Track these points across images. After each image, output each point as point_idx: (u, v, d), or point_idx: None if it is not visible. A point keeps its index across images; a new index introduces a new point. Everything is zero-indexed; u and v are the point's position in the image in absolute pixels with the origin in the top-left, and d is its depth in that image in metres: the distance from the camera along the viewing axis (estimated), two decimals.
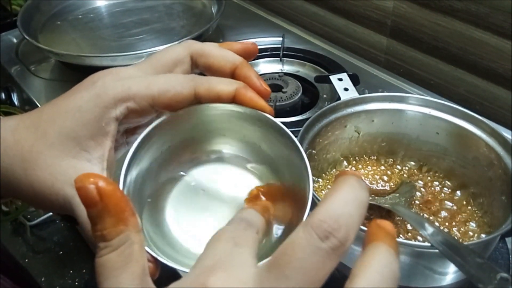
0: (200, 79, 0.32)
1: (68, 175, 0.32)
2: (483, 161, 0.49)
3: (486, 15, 0.68)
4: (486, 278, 0.32)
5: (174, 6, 0.91)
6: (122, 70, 0.34)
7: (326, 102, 0.73)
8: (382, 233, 0.24)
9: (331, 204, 0.23)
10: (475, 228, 0.48)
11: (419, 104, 0.52)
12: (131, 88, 0.32)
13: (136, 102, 0.32)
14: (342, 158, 0.56)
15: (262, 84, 0.33)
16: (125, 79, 0.33)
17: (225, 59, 0.34)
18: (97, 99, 0.32)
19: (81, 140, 0.32)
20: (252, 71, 0.33)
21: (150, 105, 0.32)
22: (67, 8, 0.90)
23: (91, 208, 0.24)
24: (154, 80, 0.32)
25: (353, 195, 0.23)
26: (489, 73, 0.72)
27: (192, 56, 0.35)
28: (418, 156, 0.55)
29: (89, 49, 0.81)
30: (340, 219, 0.22)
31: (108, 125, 0.32)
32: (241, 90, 0.32)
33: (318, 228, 0.22)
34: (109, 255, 0.24)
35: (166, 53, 0.35)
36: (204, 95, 0.32)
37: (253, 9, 0.99)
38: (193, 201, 0.33)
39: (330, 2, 0.91)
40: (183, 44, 0.36)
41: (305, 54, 0.82)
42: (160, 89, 0.32)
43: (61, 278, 0.72)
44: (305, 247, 0.22)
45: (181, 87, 0.32)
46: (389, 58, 0.85)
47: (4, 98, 0.79)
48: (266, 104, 0.32)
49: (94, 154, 0.32)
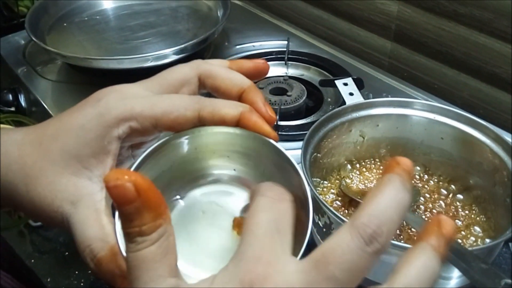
0: (205, 101, 0.32)
1: (68, 192, 0.32)
2: (487, 167, 0.50)
3: (490, 20, 0.69)
4: (490, 283, 0.33)
5: (180, 9, 0.92)
6: (128, 88, 0.34)
7: (331, 106, 0.73)
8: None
9: (376, 206, 0.24)
10: (479, 233, 0.49)
11: (424, 110, 0.53)
12: (134, 108, 0.32)
13: (139, 122, 0.32)
14: (347, 162, 0.56)
15: (268, 110, 0.32)
16: (129, 98, 0.33)
17: (233, 82, 0.34)
18: (100, 118, 0.32)
19: (83, 158, 0.32)
20: (259, 96, 0.33)
21: (153, 126, 0.32)
22: (74, 11, 0.91)
23: (127, 205, 0.24)
24: (158, 100, 0.32)
25: (396, 200, 0.24)
26: (492, 78, 0.72)
27: (200, 77, 0.35)
28: (423, 161, 0.55)
29: (95, 52, 0.81)
30: (383, 225, 0.23)
31: (110, 144, 0.32)
32: (246, 114, 0.31)
33: (363, 232, 0.23)
34: (149, 248, 0.25)
35: (173, 73, 0.35)
36: (208, 117, 0.32)
37: (258, 13, 0.99)
38: (193, 223, 0.33)
39: (334, 6, 0.91)
40: (191, 64, 0.36)
41: (309, 57, 0.82)
42: (163, 110, 0.32)
43: (67, 279, 0.72)
44: (353, 250, 0.23)
45: (184, 109, 0.31)
46: (393, 62, 0.86)
47: (11, 99, 0.79)
48: (270, 129, 0.32)
49: (95, 172, 0.32)
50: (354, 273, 0.23)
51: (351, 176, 0.55)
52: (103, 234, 0.31)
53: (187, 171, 0.34)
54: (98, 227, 0.31)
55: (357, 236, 0.23)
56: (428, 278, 0.24)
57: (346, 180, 0.55)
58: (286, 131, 0.67)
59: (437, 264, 0.24)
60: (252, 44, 0.88)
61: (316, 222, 0.47)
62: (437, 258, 0.24)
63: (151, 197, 0.25)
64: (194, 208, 0.33)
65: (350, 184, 0.54)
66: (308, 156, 0.49)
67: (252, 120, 0.31)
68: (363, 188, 0.54)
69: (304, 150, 0.48)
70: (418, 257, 0.24)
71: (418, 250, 0.25)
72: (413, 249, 0.25)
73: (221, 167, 0.34)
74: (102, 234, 0.31)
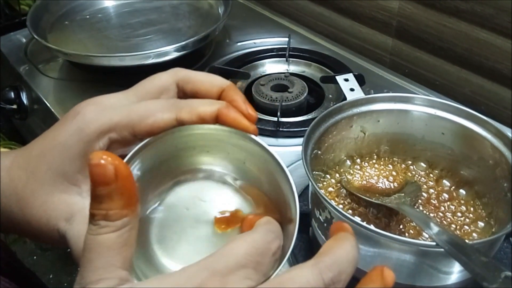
0: (181, 102, 0.32)
1: (60, 210, 0.32)
2: (488, 162, 0.50)
3: (492, 16, 0.69)
4: (491, 276, 0.33)
5: (181, 6, 0.92)
6: (105, 99, 0.34)
7: (332, 102, 0.74)
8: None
9: (340, 256, 0.26)
10: (480, 228, 0.49)
11: (425, 105, 0.53)
12: (112, 119, 0.32)
13: (117, 133, 0.32)
14: (348, 157, 0.56)
15: (248, 108, 0.32)
16: (106, 110, 0.33)
17: (212, 83, 0.34)
18: (80, 133, 0.32)
19: (69, 175, 0.32)
20: (239, 95, 0.33)
21: (131, 134, 0.32)
22: (75, 9, 0.91)
23: (102, 186, 0.24)
24: (134, 108, 0.32)
25: (352, 256, 0.26)
26: (494, 73, 0.72)
27: (178, 83, 0.35)
28: (424, 156, 0.55)
29: (97, 49, 0.81)
30: (343, 273, 0.25)
31: None
32: (223, 110, 0.31)
33: (325, 274, 0.25)
34: (108, 235, 0.25)
35: (152, 81, 0.35)
36: (186, 118, 0.31)
37: (260, 10, 0.99)
38: (177, 220, 0.32)
39: (335, 3, 0.91)
40: (169, 71, 0.35)
41: (310, 54, 0.82)
42: (140, 116, 0.31)
43: (69, 276, 0.72)
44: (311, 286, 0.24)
45: (161, 113, 0.31)
46: (394, 59, 0.86)
47: (13, 97, 0.80)
48: (249, 124, 0.31)
49: (83, 187, 0.32)
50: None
51: (352, 172, 0.55)
52: None
53: (169, 170, 0.34)
54: None
55: (318, 275, 0.25)
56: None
57: (347, 175, 0.55)
58: (287, 127, 0.67)
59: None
60: (253, 41, 0.88)
61: (317, 217, 0.47)
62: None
63: (127, 186, 0.25)
64: (178, 206, 0.33)
65: (351, 179, 0.55)
66: (309, 151, 0.49)
67: (230, 116, 0.31)
68: (364, 183, 0.54)
69: (305, 145, 0.48)
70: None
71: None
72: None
73: (202, 163, 0.34)
74: None
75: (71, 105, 0.64)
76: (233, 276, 0.24)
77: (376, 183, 0.54)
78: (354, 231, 0.42)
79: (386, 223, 0.49)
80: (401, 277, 0.43)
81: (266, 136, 0.67)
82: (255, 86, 0.74)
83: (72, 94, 0.77)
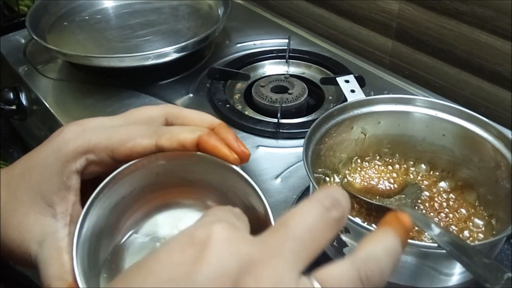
0: (162, 129, 0.32)
1: (34, 232, 0.32)
2: (489, 163, 0.49)
3: (492, 18, 0.69)
4: (493, 278, 0.32)
5: (181, 7, 0.92)
6: (90, 120, 0.34)
7: (332, 104, 0.73)
8: (396, 222, 0.26)
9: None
10: (481, 229, 0.49)
11: (426, 106, 0.53)
12: (90, 140, 0.32)
13: (95, 154, 0.32)
14: (348, 159, 0.56)
15: (240, 146, 0.32)
16: (87, 131, 0.32)
17: (202, 120, 0.34)
18: (58, 153, 0.32)
19: (46, 195, 0.32)
20: (230, 133, 0.32)
21: (110, 157, 0.32)
22: (74, 9, 0.91)
23: None
24: (115, 131, 0.32)
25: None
26: (494, 76, 0.72)
27: (168, 118, 0.35)
28: (424, 157, 0.55)
29: (96, 50, 0.81)
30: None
31: (70, 179, 0.32)
32: (204, 137, 0.31)
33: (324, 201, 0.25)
34: None
35: (142, 110, 0.35)
36: (166, 144, 0.31)
37: (259, 11, 0.99)
38: (152, 249, 0.32)
39: (335, 5, 0.91)
40: (162, 105, 0.36)
41: (310, 56, 0.82)
42: (120, 140, 0.31)
43: None
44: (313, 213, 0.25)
45: (141, 138, 0.31)
46: (394, 61, 0.86)
47: (12, 98, 0.79)
48: (229, 152, 0.31)
49: (58, 209, 0.32)
50: (314, 232, 0.24)
51: (353, 173, 0.55)
52: (63, 272, 0.31)
53: (148, 196, 0.33)
54: (58, 266, 0.31)
55: (316, 204, 0.25)
56: (391, 258, 0.25)
57: (348, 177, 0.55)
58: (287, 129, 0.67)
59: (398, 247, 0.26)
60: (253, 43, 0.88)
61: None
62: (399, 242, 0.26)
63: None
64: (155, 234, 0.33)
65: (351, 181, 0.54)
66: (310, 153, 0.49)
67: (210, 144, 0.31)
68: (364, 185, 0.54)
69: (306, 147, 0.48)
70: (382, 239, 0.26)
71: (381, 233, 0.26)
72: (376, 232, 0.26)
73: (183, 191, 0.34)
74: (61, 272, 0.31)
75: (70, 106, 0.65)
76: None
77: (376, 185, 0.54)
78: (355, 232, 0.43)
79: None
80: (402, 278, 0.43)
81: (266, 137, 0.67)
82: (255, 87, 0.74)
83: (72, 95, 0.77)
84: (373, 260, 0.24)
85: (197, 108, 0.73)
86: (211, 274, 0.22)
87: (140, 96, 0.75)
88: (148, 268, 0.23)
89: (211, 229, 0.24)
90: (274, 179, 0.60)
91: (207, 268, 0.22)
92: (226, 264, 0.23)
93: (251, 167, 0.62)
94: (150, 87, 0.77)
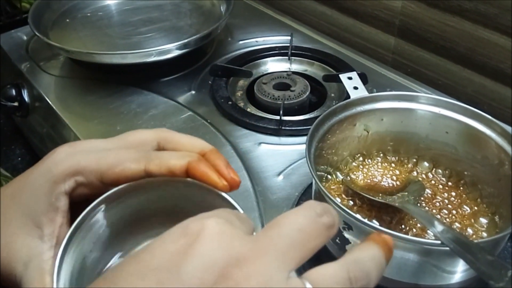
0: (152, 154, 0.32)
1: (21, 253, 0.32)
2: (492, 161, 0.49)
3: (495, 16, 0.68)
4: (497, 275, 0.32)
5: (183, 4, 0.92)
6: (83, 142, 0.34)
7: (334, 101, 0.73)
8: (380, 240, 0.27)
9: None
10: (484, 227, 0.49)
11: (429, 103, 0.53)
12: (80, 162, 0.32)
13: (84, 176, 0.32)
14: (351, 156, 0.56)
15: (230, 173, 0.31)
16: (78, 153, 0.32)
17: (193, 145, 0.33)
18: (47, 174, 0.32)
19: (34, 216, 0.32)
20: (220, 159, 0.32)
21: (99, 180, 0.31)
22: (76, 6, 0.91)
23: None
24: (105, 154, 0.32)
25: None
26: (497, 73, 0.72)
27: (160, 142, 0.34)
28: (427, 155, 0.55)
29: (98, 47, 0.81)
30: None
31: (58, 200, 0.32)
32: (193, 164, 0.31)
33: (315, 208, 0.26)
34: None
35: (135, 133, 0.35)
36: (155, 170, 0.31)
37: (262, 8, 0.99)
38: None
39: (338, 2, 0.91)
40: (154, 129, 0.35)
41: (313, 53, 0.82)
42: (109, 164, 0.31)
43: None
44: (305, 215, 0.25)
45: (130, 163, 0.31)
46: (397, 58, 0.85)
47: (15, 94, 0.79)
48: (218, 179, 0.31)
49: (45, 231, 0.32)
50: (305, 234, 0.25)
51: (355, 170, 0.55)
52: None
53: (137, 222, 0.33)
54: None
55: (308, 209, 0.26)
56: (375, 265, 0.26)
57: (350, 174, 0.55)
58: (289, 126, 0.67)
59: (382, 259, 0.27)
60: (255, 40, 0.88)
61: None
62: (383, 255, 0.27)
63: None
64: None
65: (354, 178, 0.54)
66: (313, 150, 0.48)
67: (200, 170, 0.31)
68: (367, 182, 0.54)
69: (309, 144, 0.48)
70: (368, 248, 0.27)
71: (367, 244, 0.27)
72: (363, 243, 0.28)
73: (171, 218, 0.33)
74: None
75: (72, 103, 0.64)
76: None
77: (379, 182, 0.54)
78: (358, 229, 0.42)
79: (389, 221, 0.49)
80: (404, 276, 0.43)
81: (268, 134, 0.67)
82: (257, 84, 0.74)
83: (74, 92, 0.77)
84: (361, 263, 0.25)
85: (200, 105, 0.74)
86: (199, 265, 0.23)
87: (142, 93, 0.75)
88: (140, 257, 0.24)
89: (205, 222, 0.24)
90: (277, 176, 0.60)
91: (195, 259, 0.23)
92: (214, 256, 0.23)
93: (253, 164, 0.62)
94: (152, 84, 0.77)
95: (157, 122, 0.70)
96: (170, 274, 0.23)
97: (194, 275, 0.23)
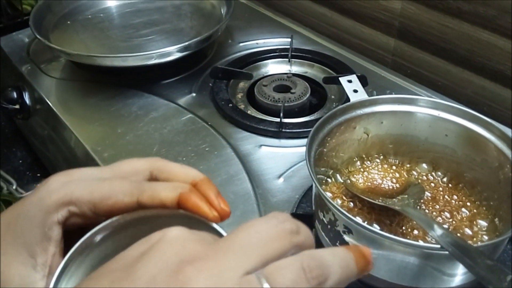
0: (144, 185, 0.32)
1: (14, 283, 0.32)
2: (492, 164, 0.50)
3: (494, 17, 0.69)
4: (496, 279, 0.33)
5: (184, 7, 0.92)
6: (77, 171, 0.34)
7: (334, 103, 0.74)
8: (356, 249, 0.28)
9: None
10: (483, 230, 0.49)
11: (429, 106, 0.53)
12: (73, 192, 0.32)
13: (77, 207, 0.32)
14: (351, 159, 0.56)
15: (221, 203, 0.31)
16: (72, 182, 0.32)
17: (187, 175, 0.34)
18: (41, 203, 0.32)
19: (28, 245, 0.32)
20: (211, 189, 0.32)
21: (92, 211, 0.32)
22: (77, 9, 0.91)
23: None
24: (99, 185, 0.32)
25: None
26: (496, 75, 0.72)
27: (153, 172, 0.35)
28: (427, 158, 0.55)
29: (99, 50, 0.81)
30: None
31: (51, 230, 0.32)
32: (184, 195, 0.31)
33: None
34: None
35: (128, 162, 0.35)
36: (147, 202, 0.31)
37: (262, 10, 0.99)
38: None
39: (338, 3, 0.91)
40: (148, 158, 0.35)
41: (313, 55, 0.82)
42: (102, 196, 0.31)
43: None
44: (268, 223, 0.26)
45: (123, 195, 0.31)
46: (397, 60, 0.86)
47: (16, 97, 0.80)
48: (208, 210, 0.31)
49: (38, 260, 0.32)
50: (262, 236, 0.25)
51: (355, 173, 0.55)
52: None
53: None
54: None
55: (270, 217, 0.26)
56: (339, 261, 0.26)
57: (350, 177, 0.55)
58: (289, 128, 0.67)
59: (352, 263, 0.27)
60: (255, 42, 0.88)
61: (320, 218, 0.47)
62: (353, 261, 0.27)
63: None
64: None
65: (354, 181, 0.54)
66: (313, 153, 0.49)
67: (191, 202, 0.31)
68: (367, 185, 0.54)
69: (309, 147, 0.48)
70: (335, 248, 0.27)
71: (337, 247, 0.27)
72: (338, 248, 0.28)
73: None
74: None
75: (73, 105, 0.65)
76: None
77: (379, 185, 0.54)
78: (358, 233, 0.43)
79: (389, 224, 0.49)
80: (404, 279, 0.43)
81: (269, 137, 0.67)
82: (257, 86, 0.74)
83: (75, 94, 0.77)
84: (317, 256, 0.26)
85: (200, 107, 0.74)
86: (152, 264, 0.24)
87: (143, 96, 0.75)
88: (105, 264, 0.26)
89: (166, 230, 0.26)
90: (277, 178, 0.60)
91: (150, 259, 0.24)
92: (169, 255, 0.24)
93: (253, 167, 0.62)
94: (153, 87, 0.77)
95: (157, 124, 0.70)
96: (123, 274, 0.24)
97: (146, 273, 0.24)
